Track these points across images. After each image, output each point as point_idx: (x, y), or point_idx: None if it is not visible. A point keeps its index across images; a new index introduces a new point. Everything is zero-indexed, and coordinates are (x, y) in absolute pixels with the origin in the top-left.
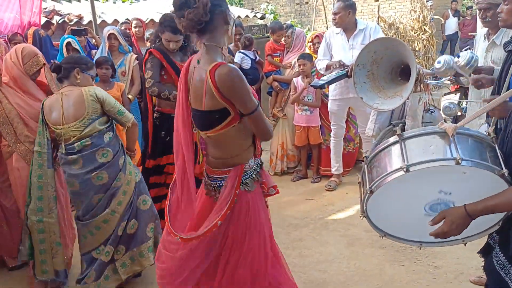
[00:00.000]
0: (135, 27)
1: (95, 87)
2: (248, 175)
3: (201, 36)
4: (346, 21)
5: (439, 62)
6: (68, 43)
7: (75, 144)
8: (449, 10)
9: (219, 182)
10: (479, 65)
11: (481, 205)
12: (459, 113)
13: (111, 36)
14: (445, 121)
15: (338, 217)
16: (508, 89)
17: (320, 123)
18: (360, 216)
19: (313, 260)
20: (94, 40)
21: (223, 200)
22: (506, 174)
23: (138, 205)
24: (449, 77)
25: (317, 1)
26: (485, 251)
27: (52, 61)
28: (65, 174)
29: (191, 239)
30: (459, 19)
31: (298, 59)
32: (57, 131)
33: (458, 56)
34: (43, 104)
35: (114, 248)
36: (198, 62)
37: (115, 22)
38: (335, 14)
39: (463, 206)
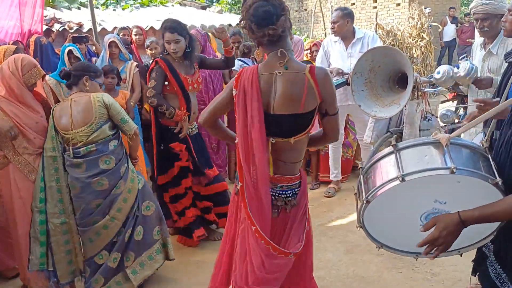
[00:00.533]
0: (135, 35)
1: (103, 93)
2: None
3: (277, 45)
4: (345, 29)
5: (438, 73)
6: (70, 51)
7: (81, 149)
8: (447, 17)
9: (289, 191)
10: (478, 75)
11: (477, 213)
12: (456, 121)
13: (111, 44)
14: (440, 130)
15: (337, 224)
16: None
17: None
18: (357, 227)
19: None
20: (94, 48)
21: (304, 207)
22: (500, 183)
23: (142, 211)
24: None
25: (315, 8)
26: (479, 260)
27: (62, 68)
28: (69, 177)
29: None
30: (457, 25)
31: None
32: (66, 136)
33: (458, 67)
34: (53, 110)
35: (121, 255)
36: (286, 68)
37: (115, 29)
38: (333, 23)
39: (456, 212)
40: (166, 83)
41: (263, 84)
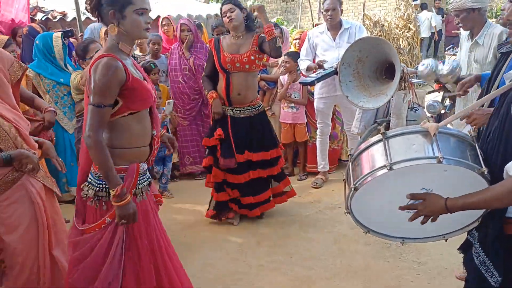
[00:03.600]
0: None
1: None
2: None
3: None
4: (339, 17)
5: (423, 65)
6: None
7: None
8: (432, 8)
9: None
10: (462, 73)
11: (461, 201)
12: (442, 111)
13: (107, 32)
14: (428, 120)
15: (325, 215)
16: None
17: (306, 121)
18: (345, 213)
19: (299, 257)
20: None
21: None
22: (486, 173)
23: None
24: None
25: None
26: (465, 247)
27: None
28: None
29: None
30: (442, 16)
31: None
32: None
33: (444, 63)
34: None
35: None
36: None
37: None
38: (330, 10)
39: (444, 198)
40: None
41: None
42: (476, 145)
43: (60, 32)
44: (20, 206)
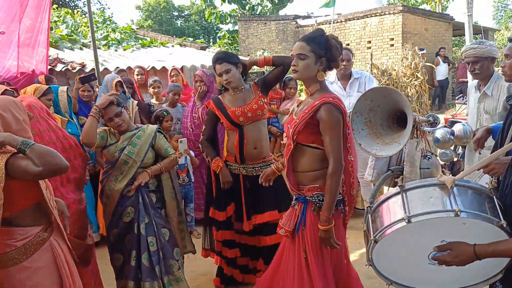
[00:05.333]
0: (137, 75)
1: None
2: None
3: None
4: (351, 67)
5: (437, 141)
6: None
7: None
8: (438, 57)
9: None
10: (471, 123)
11: (491, 248)
12: (455, 159)
13: (117, 84)
14: (443, 169)
15: None
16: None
17: None
18: (366, 265)
19: None
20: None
21: None
22: (505, 225)
23: None
24: (444, 125)
25: None
26: None
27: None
28: None
29: None
30: (448, 65)
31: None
32: None
33: (453, 134)
34: None
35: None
36: None
37: (116, 70)
38: (345, 60)
39: (472, 245)
40: (222, 122)
41: None
42: (494, 197)
43: (66, 87)
44: (46, 272)
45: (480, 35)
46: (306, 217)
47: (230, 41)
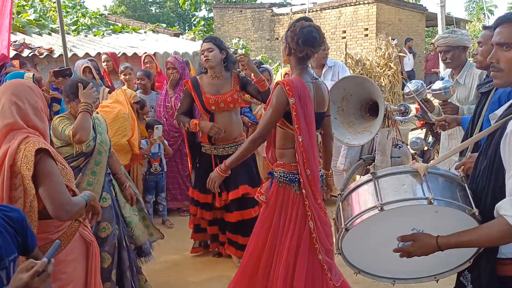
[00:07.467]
0: (104, 61)
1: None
2: None
3: (306, 62)
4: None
5: (411, 83)
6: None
7: None
8: (404, 47)
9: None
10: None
11: (454, 240)
12: (425, 148)
13: (85, 70)
14: (413, 156)
15: None
16: (480, 131)
17: None
18: (335, 253)
19: None
20: None
21: None
22: (477, 214)
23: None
24: (415, 114)
25: None
26: None
27: None
28: None
29: None
30: (414, 56)
31: None
32: None
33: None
34: None
35: None
36: (317, 78)
37: (86, 55)
38: (327, 50)
39: (435, 237)
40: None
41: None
42: (466, 185)
43: (32, 73)
44: (79, 264)
45: (453, 25)
46: (272, 188)
47: (205, 29)
